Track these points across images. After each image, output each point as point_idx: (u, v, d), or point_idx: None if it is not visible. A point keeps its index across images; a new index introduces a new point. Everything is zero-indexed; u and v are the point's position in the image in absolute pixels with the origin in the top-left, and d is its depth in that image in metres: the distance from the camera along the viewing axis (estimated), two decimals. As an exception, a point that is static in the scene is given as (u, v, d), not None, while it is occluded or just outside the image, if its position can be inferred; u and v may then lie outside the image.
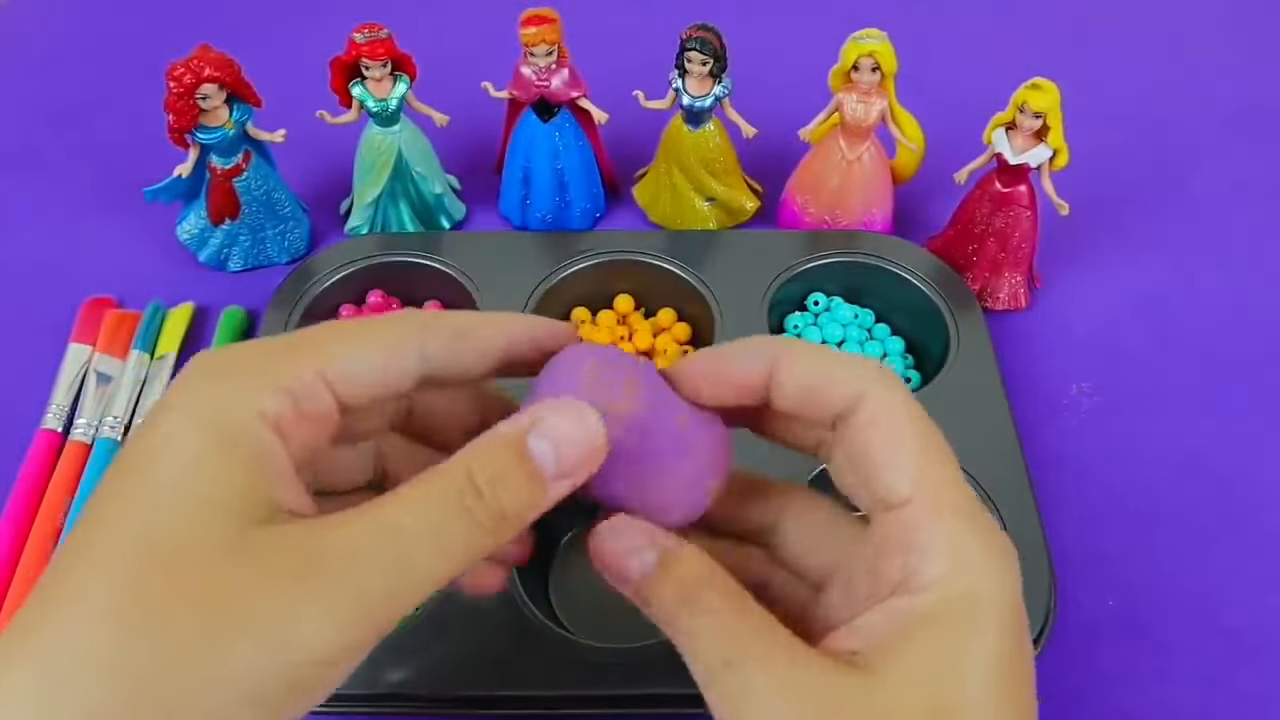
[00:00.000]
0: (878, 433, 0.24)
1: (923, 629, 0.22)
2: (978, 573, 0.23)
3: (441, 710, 0.40)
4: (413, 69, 0.54)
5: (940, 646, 0.22)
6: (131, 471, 0.21)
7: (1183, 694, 0.42)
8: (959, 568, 0.23)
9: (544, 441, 0.23)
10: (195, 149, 0.52)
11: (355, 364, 0.23)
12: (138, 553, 0.20)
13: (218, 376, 0.22)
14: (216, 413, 0.22)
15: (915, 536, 0.23)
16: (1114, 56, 0.71)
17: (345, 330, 0.24)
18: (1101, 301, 0.56)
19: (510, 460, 0.23)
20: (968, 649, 0.22)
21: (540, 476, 0.23)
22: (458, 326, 0.25)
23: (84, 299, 0.55)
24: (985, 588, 0.23)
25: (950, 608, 0.22)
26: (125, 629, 0.19)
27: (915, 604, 0.23)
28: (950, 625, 0.22)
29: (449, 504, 0.22)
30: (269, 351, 0.23)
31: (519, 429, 0.23)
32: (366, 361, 0.23)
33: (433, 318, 0.25)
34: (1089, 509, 0.48)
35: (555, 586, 0.45)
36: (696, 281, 0.53)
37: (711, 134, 0.55)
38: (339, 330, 0.24)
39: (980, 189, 0.53)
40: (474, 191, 0.61)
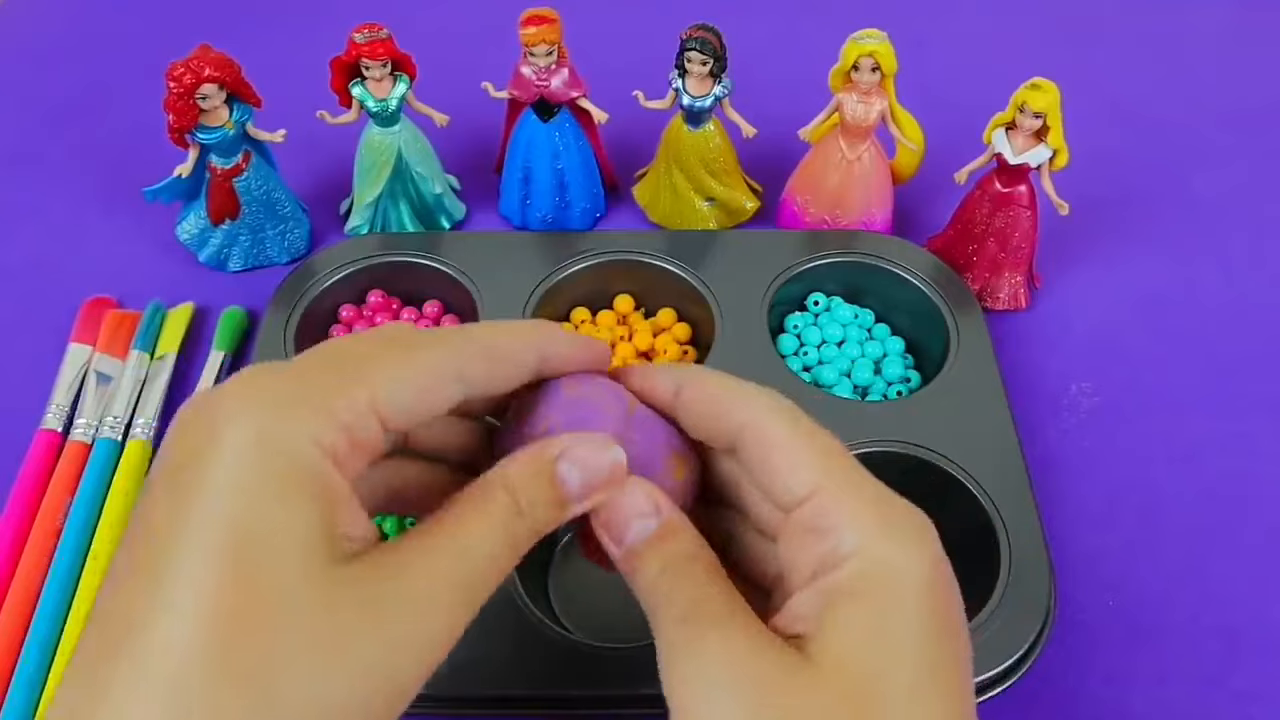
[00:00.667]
0: (776, 445, 0.26)
1: (844, 604, 0.23)
2: (892, 544, 0.24)
3: (442, 710, 0.40)
4: (413, 69, 0.54)
5: (861, 618, 0.23)
6: (199, 498, 0.21)
7: (1183, 694, 0.42)
8: (872, 540, 0.24)
9: (573, 469, 0.25)
10: (195, 149, 0.52)
11: (405, 395, 0.24)
12: (225, 572, 0.20)
13: (280, 406, 0.22)
14: (284, 448, 0.22)
15: (826, 519, 0.24)
16: (1114, 56, 0.71)
17: (392, 358, 0.24)
18: (1101, 301, 0.56)
19: (544, 485, 0.25)
20: (888, 619, 0.23)
21: (565, 499, 0.25)
22: (490, 348, 0.26)
23: (84, 299, 0.55)
24: (899, 558, 0.24)
25: (867, 581, 0.23)
26: (227, 638, 0.20)
27: (834, 580, 0.24)
28: (870, 598, 0.23)
29: (499, 527, 0.24)
30: (325, 383, 0.23)
31: (549, 454, 0.25)
32: (415, 392, 0.24)
33: (465, 340, 0.26)
34: (1089, 509, 0.48)
35: (555, 586, 0.45)
36: (696, 281, 0.53)
37: (711, 134, 0.55)
38: (386, 358, 0.24)
39: (980, 189, 0.53)
40: (474, 191, 0.61)
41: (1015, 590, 0.41)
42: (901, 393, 0.51)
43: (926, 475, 0.45)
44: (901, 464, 0.46)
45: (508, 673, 0.39)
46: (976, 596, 0.42)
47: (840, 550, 0.24)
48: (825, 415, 0.46)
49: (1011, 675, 0.40)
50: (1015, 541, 0.43)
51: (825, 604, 0.24)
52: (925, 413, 0.47)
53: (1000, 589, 0.41)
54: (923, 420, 0.47)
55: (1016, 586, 0.41)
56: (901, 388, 0.51)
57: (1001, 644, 0.40)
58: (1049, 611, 0.41)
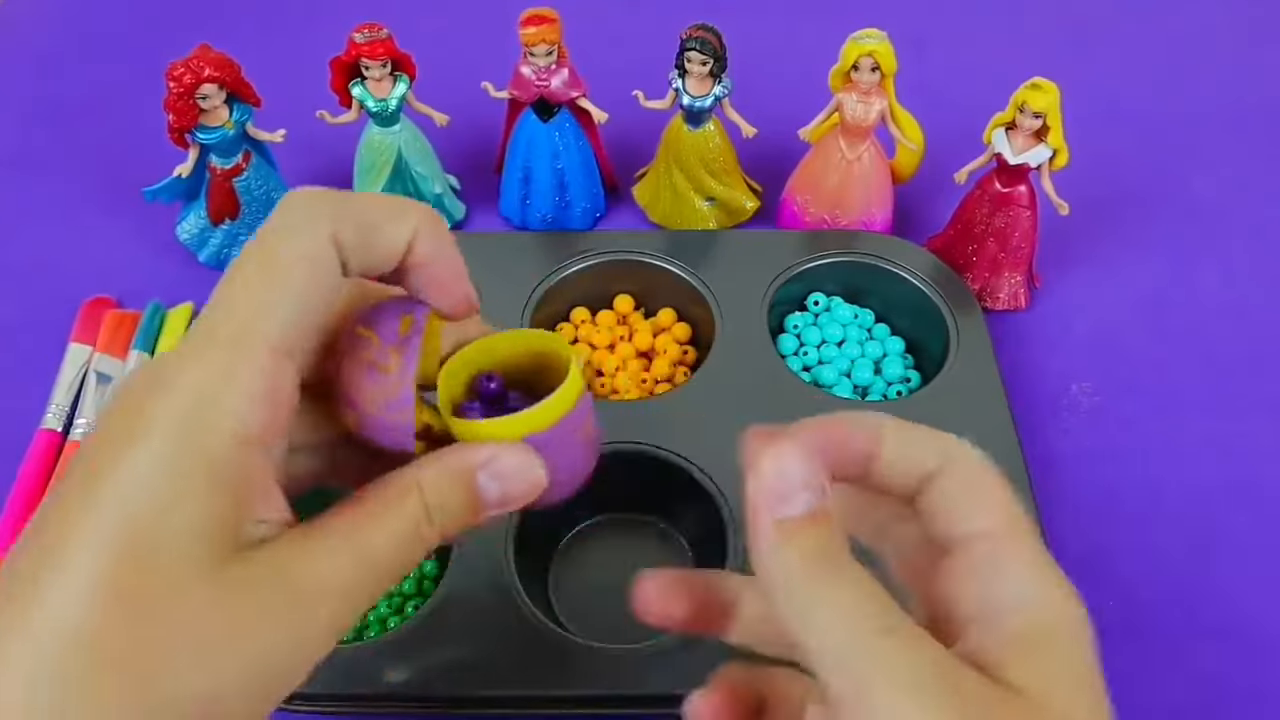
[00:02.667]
0: (967, 482, 0.25)
1: (1040, 645, 0.23)
2: (1072, 600, 0.24)
3: (441, 710, 0.40)
4: (413, 69, 0.54)
5: (1058, 662, 0.23)
6: (110, 484, 0.21)
7: (1183, 694, 0.42)
8: (1053, 591, 0.24)
9: (493, 481, 0.25)
10: (195, 149, 0.52)
11: (298, 328, 0.23)
12: (122, 561, 0.20)
13: (193, 394, 0.22)
14: (203, 444, 0.21)
15: (1003, 561, 0.24)
16: (1114, 56, 0.71)
17: (267, 294, 0.23)
18: (1101, 301, 0.56)
19: (460, 493, 0.25)
20: (1078, 666, 0.23)
21: (481, 508, 0.25)
22: (365, 223, 0.24)
23: (84, 299, 0.55)
24: (1079, 612, 0.24)
25: (1057, 627, 0.24)
26: (114, 626, 0.20)
27: (1018, 622, 0.24)
28: (1061, 644, 0.23)
29: (408, 532, 0.24)
30: (232, 359, 0.22)
31: (471, 464, 0.25)
32: (304, 318, 0.23)
33: (338, 219, 0.24)
34: (1089, 509, 0.48)
35: (555, 586, 0.45)
36: (696, 281, 0.53)
37: (711, 134, 0.55)
38: (258, 292, 0.23)
39: (980, 189, 0.53)
40: (474, 191, 0.61)
41: (1015, 590, 0.41)
42: (901, 393, 0.51)
43: (926, 475, 0.45)
44: (901, 464, 0.46)
45: (508, 673, 0.39)
46: (976, 596, 0.42)
47: (1021, 594, 0.24)
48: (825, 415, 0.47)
49: (1011, 675, 0.40)
50: (1015, 541, 0.43)
51: (1009, 643, 0.23)
52: (925, 413, 0.47)
53: (1000, 589, 0.41)
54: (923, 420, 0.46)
55: (1016, 586, 0.41)
56: (901, 388, 0.51)
57: (1001, 644, 0.40)
58: (1049, 611, 0.41)
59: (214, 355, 0.22)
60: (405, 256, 0.25)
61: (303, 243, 0.23)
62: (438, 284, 0.26)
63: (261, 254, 0.23)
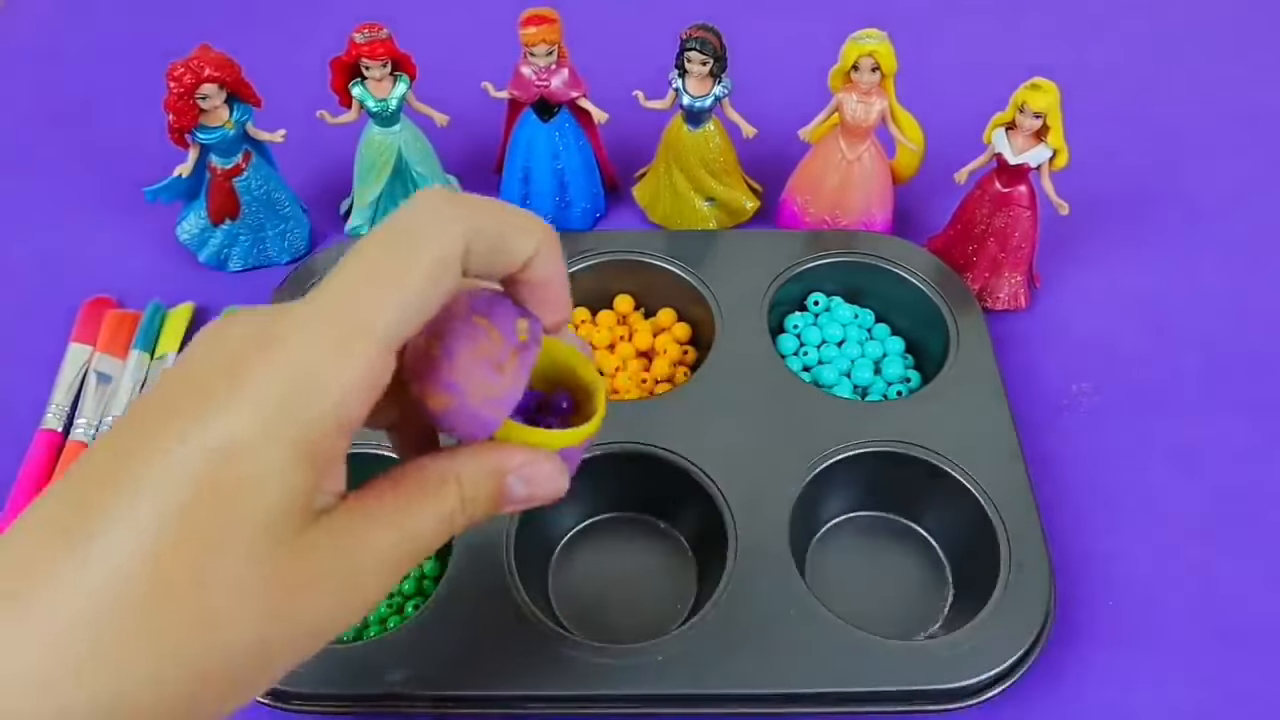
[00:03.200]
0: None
1: None
2: None
3: (441, 710, 0.40)
4: (413, 69, 0.54)
5: None
6: (198, 432, 0.21)
7: (1183, 694, 0.42)
8: None
9: (522, 485, 0.27)
10: (195, 149, 0.52)
11: (410, 325, 0.24)
12: (201, 502, 0.21)
13: (301, 367, 0.22)
14: (300, 419, 0.22)
15: None
16: (1114, 56, 0.71)
17: (391, 291, 0.23)
18: (1101, 301, 0.56)
19: (491, 489, 0.27)
20: None
21: (504, 505, 0.27)
22: (494, 234, 0.25)
23: (84, 299, 0.55)
24: None
25: None
26: (181, 559, 0.21)
27: None
28: None
29: (446, 516, 0.26)
30: (344, 344, 0.23)
31: (506, 466, 0.27)
32: (418, 316, 0.24)
33: (471, 226, 0.25)
34: (1089, 509, 0.48)
35: (555, 586, 0.45)
36: (696, 281, 0.53)
37: (711, 134, 0.55)
38: (383, 286, 0.23)
39: (980, 189, 0.53)
40: (474, 191, 0.60)
41: (1015, 590, 0.41)
42: (901, 393, 0.51)
43: (926, 475, 0.45)
44: (901, 464, 0.46)
45: (508, 673, 0.39)
46: (976, 597, 0.42)
47: None
48: (825, 415, 0.47)
49: (1011, 675, 0.40)
50: (1015, 541, 0.43)
51: None
52: (925, 413, 0.47)
53: (1000, 589, 0.41)
54: (923, 420, 0.47)
55: (1016, 586, 0.41)
56: (901, 388, 0.51)
57: (1001, 644, 0.40)
58: (1049, 611, 0.41)
59: (327, 333, 0.23)
60: (522, 270, 0.26)
61: (436, 246, 0.24)
62: (548, 302, 0.27)
63: (393, 248, 0.24)
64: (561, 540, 0.47)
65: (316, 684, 0.39)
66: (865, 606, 0.43)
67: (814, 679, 0.40)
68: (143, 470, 0.21)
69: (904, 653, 0.40)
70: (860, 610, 0.42)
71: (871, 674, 0.39)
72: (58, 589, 0.20)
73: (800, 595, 0.41)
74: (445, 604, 0.41)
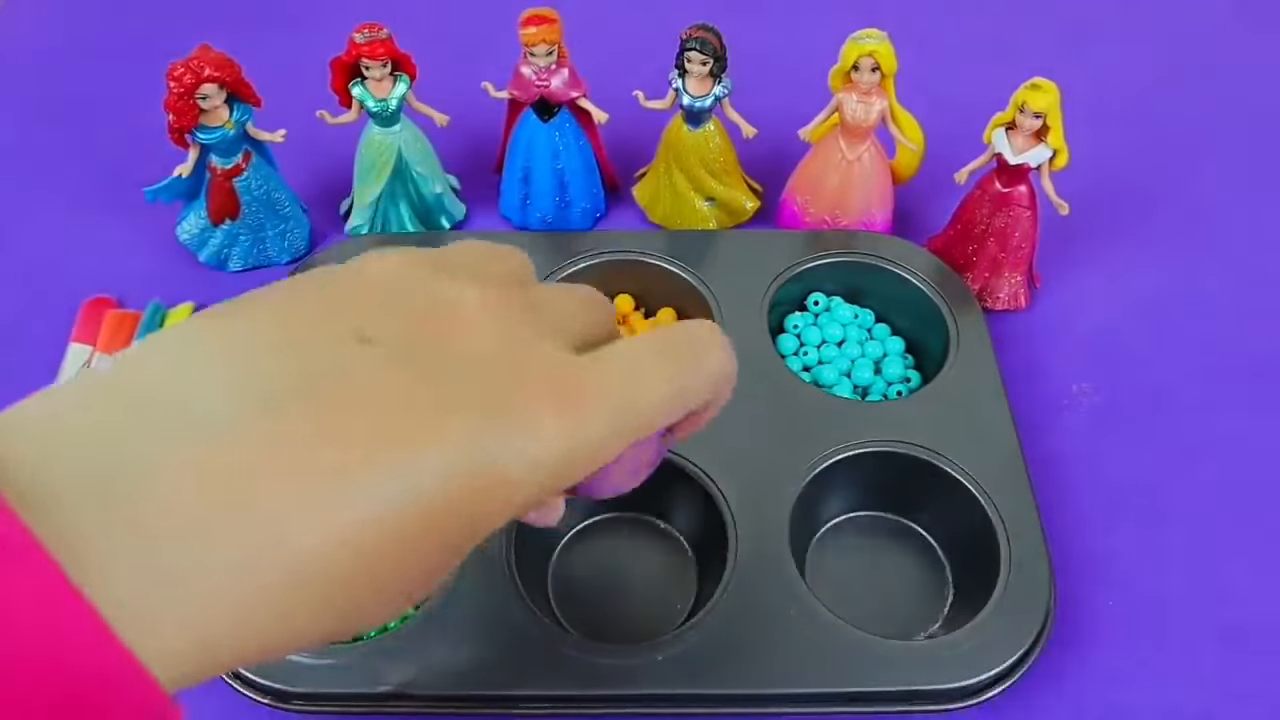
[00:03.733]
0: None
1: None
2: None
3: (441, 710, 0.40)
4: (413, 69, 0.54)
5: None
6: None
7: (1183, 694, 0.42)
8: None
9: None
10: (195, 149, 0.52)
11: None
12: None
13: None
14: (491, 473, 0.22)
15: None
16: (1114, 56, 0.71)
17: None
18: (1101, 301, 0.56)
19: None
20: None
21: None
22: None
23: (84, 299, 0.55)
24: None
25: None
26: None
27: None
28: None
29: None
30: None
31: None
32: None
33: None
34: (1089, 509, 0.48)
35: (555, 586, 0.45)
36: (696, 281, 0.53)
37: (711, 134, 0.55)
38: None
39: (980, 189, 0.53)
40: (474, 191, 0.61)
41: (1015, 590, 0.41)
42: (901, 393, 0.51)
43: (926, 475, 0.45)
44: (901, 464, 0.46)
45: (508, 673, 0.39)
46: (976, 596, 0.42)
47: None
48: (825, 415, 0.47)
49: (1011, 675, 0.40)
50: (1015, 541, 0.43)
51: None
52: (925, 413, 0.47)
53: (1000, 589, 0.41)
54: (923, 420, 0.47)
55: (1016, 586, 0.41)
56: (901, 388, 0.51)
57: (1001, 644, 0.40)
58: (1049, 611, 0.41)
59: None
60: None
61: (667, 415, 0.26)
62: (689, 431, 0.28)
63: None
64: (561, 540, 0.47)
65: (317, 684, 0.39)
66: (865, 606, 0.43)
67: (814, 679, 0.40)
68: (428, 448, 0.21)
69: (904, 653, 0.40)
70: (860, 610, 0.42)
71: (871, 674, 0.39)
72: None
73: (800, 595, 0.41)
74: (445, 604, 0.41)
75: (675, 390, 0.25)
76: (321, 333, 0.21)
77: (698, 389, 0.26)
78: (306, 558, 0.19)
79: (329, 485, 0.19)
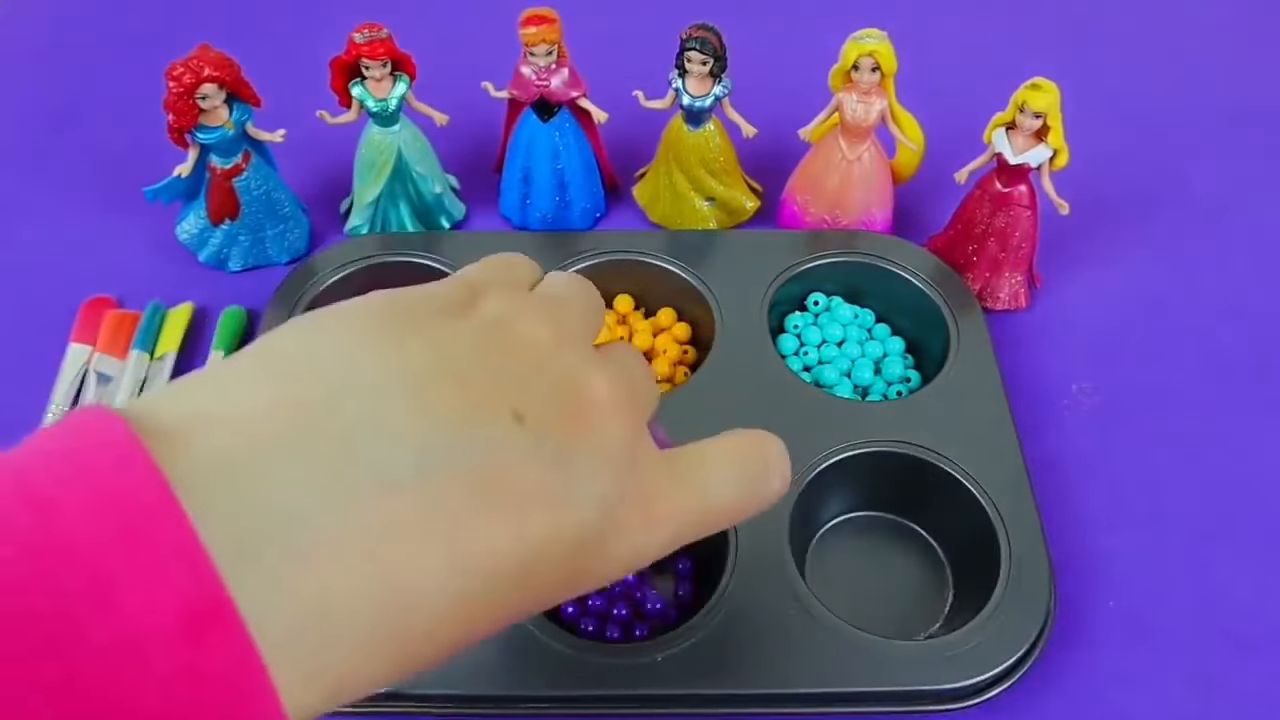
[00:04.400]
0: None
1: None
2: None
3: (441, 710, 0.40)
4: (413, 69, 0.54)
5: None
6: None
7: (1183, 694, 0.42)
8: None
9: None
10: (195, 149, 0.52)
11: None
12: None
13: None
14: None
15: None
16: (1114, 56, 0.71)
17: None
18: (1101, 301, 0.56)
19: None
20: None
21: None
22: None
23: (84, 299, 0.55)
24: None
25: None
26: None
27: None
28: None
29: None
30: None
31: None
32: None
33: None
34: (1089, 509, 0.48)
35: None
36: (696, 281, 0.53)
37: (711, 134, 0.55)
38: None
39: (980, 189, 0.53)
40: (474, 191, 0.61)
41: (1015, 590, 0.41)
42: (901, 393, 0.51)
43: (926, 475, 0.45)
44: (901, 464, 0.46)
45: (508, 673, 0.39)
46: (976, 596, 0.42)
47: None
48: (825, 415, 0.47)
49: (1011, 675, 0.40)
50: (1015, 541, 0.43)
51: None
52: (925, 413, 0.47)
53: (1000, 589, 0.41)
54: (923, 420, 0.47)
55: (1016, 586, 0.41)
56: (901, 388, 0.51)
57: (1001, 644, 0.40)
58: (1049, 611, 0.41)
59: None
60: None
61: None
62: None
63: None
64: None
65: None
66: (865, 606, 0.43)
67: (814, 679, 0.40)
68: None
69: (904, 653, 0.40)
70: (860, 610, 0.42)
71: (871, 674, 0.39)
72: None
73: (800, 595, 0.41)
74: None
75: (739, 508, 0.28)
76: (488, 409, 0.22)
77: (755, 509, 0.28)
78: (432, 617, 0.21)
79: (460, 553, 0.21)
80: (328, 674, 0.19)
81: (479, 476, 0.21)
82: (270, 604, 0.18)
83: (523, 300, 0.26)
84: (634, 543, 0.25)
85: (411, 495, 0.20)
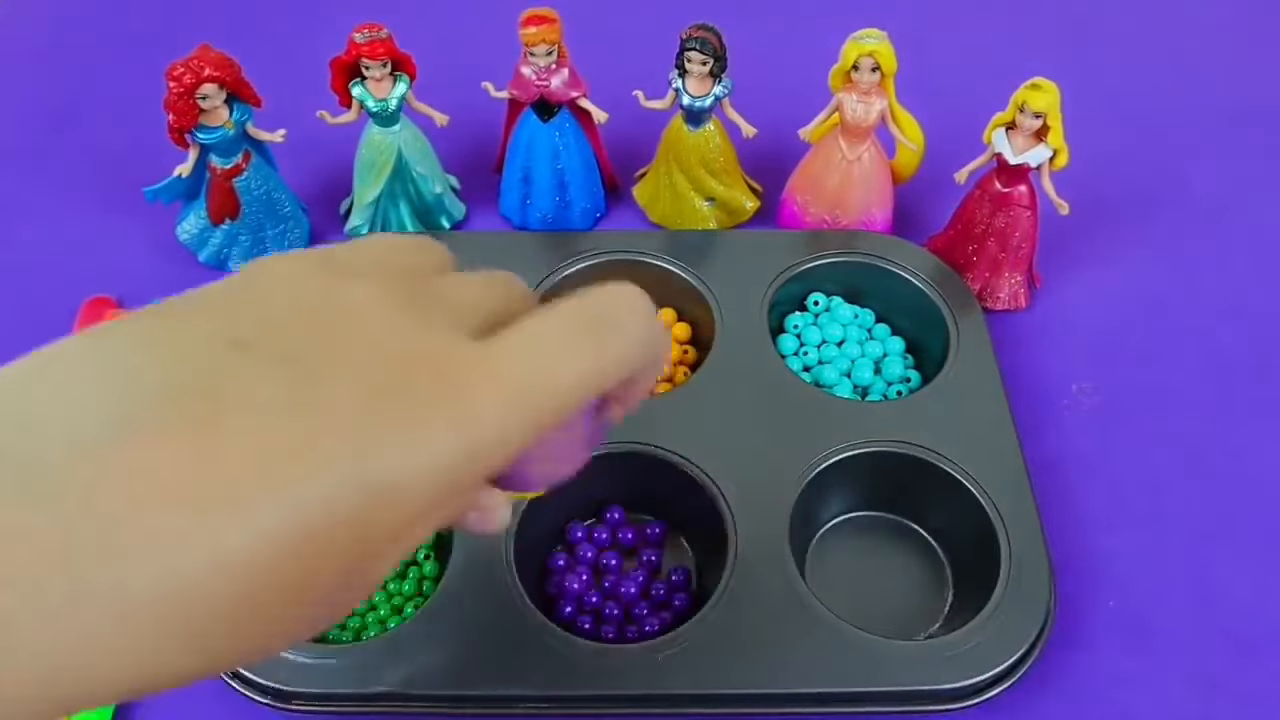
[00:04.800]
0: None
1: None
2: None
3: (441, 710, 0.40)
4: (413, 69, 0.54)
5: None
6: None
7: (1183, 694, 0.42)
8: None
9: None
10: (195, 149, 0.52)
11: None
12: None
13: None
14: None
15: None
16: (1114, 56, 0.71)
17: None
18: (1101, 301, 0.56)
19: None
20: None
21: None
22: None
23: (84, 299, 0.55)
24: None
25: None
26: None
27: None
28: None
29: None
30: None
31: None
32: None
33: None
34: (1089, 509, 0.48)
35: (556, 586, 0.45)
36: (696, 281, 0.53)
37: (711, 134, 0.55)
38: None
39: (980, 189, 0.53)
40: (474, 191, 0.61)
41: (1015, 590, 0.41)
42: (901, 393, 0.51)
43: (926, 475, 0.45)
44: (901, 464, 0.46)
45: (508, 673, 0.39)
46: (976, 596, 0.42)
47: None
48: (825, 415, 0.47)
49: (1011, 675, 0.40)
50: (1015, 541, 0.43)
51: None
52: (925, 413, 0.47)
53: (1000, 589, 0.41)
54: (923, 420, 0.47)
55: (1016, 586, 0.41)
56: (901, 388, 0.51)
57: (1001, 644, 0.40)
58: (1049, 611, 0.41)
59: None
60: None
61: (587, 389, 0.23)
62: (626, 407, 0.27)
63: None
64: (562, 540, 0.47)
65: (316, 684, 0.39)
66: (865, 606, 0.43)
67: (814, 679, 0.40)
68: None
69: (904, 653, 0.40)
70: (860, 610, 0.42)
71: (871, 674, 0.39)
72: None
73: (800, 595, 0.41)
74: (445, 604, 0.41)
75: (588, 368, 0.23)
76: (193, 341, 0.20)
77: (618, 361, 0.23)
78: (178, 589, 0.17)
79: (196, 517, 0.17)
80: (49, 665, 0.17)
81: (194, 421, 0.18)
82: None
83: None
84: (446, 445, 0.20)
85: (112, 468, 0.17)
